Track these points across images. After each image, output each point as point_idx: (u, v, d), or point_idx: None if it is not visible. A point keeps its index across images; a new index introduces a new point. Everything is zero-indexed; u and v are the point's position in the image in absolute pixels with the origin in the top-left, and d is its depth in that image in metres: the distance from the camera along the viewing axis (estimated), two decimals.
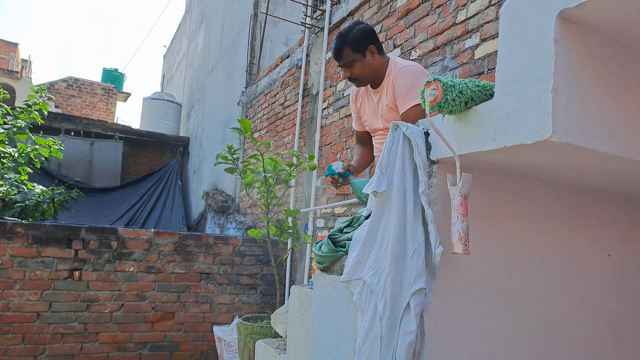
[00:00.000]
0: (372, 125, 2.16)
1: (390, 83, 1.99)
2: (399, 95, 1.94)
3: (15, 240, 3.67)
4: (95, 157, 9.31)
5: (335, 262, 1.54)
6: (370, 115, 2.16)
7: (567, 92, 0.95)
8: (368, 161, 2.32)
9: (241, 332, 2.41)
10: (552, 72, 0.94)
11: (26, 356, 3.63)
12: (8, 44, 19.45)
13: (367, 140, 2.31)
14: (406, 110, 1.89)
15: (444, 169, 1.28)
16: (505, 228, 1.41)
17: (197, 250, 4.24)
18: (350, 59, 1.97)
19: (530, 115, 0.99)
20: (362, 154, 2.31)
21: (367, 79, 2.03)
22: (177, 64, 13.76)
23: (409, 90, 1.90)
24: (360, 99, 2.21)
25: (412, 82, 1.91)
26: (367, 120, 2.19)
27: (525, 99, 1.00)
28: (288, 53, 5.36)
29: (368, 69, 1.99)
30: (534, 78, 0.98)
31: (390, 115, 2.03)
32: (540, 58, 0.96)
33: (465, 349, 1.35)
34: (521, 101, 1.01)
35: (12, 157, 5.26)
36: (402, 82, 1.92)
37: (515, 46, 1.03)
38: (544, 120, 0.95)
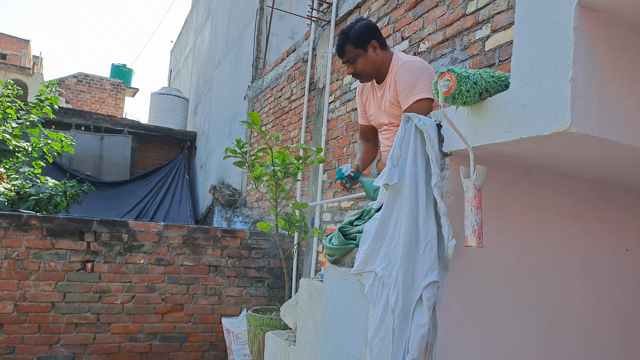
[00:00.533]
0: (377, 120, 2.16)
1: (392, 79, 1.99)
2: (401, 91, 1.94)
3: (30, 232, 3.72)
4: (105, 151, 9.37)
5: (345, 254, 1.54)
6: (375, 110, 2.16)
7: (586, 82, 0.94)
8: (371, 158, 2.33)
9: (251, 324, 2.43)
10: (571, 62, 0.93)
11: (42, 345, 3.69)
12: (20, 40, 19.62)
13: (371, 136, 2.32)
14: (409, 106, 1.89)
15: (456, 161, 1.27)
16: (518, 221, 1.40)
17: (205, 243, 4.26)
18: (352, 54, 1.98)
19: (547, 106, 0.97)
20: (365, 151, 2.32)
21: (371, 74, 2.04)
22: (184, 59, 13.78)
23: (411, 86, 1.90)
24: (366, 94, 2.22)
25: (414, 78, 1.91)
26: (372, 115, 2.19)
27: (543, 90, 0.98)
28: (294, 47, 5.34)
29: (371, 64, 2.00)
30: (552, 68, 0.97)
31: (393, 111, 2.04)
32: (559, 47, 0.94)
33: (477, 342, 1.35)
34: (538, 91, 1.00)
35: (26, 151, 5.33)
36: (404, 78, 1.92)
37: (532, 35, 1.01)
38: (562, 111, 0.94)
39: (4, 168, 5.16)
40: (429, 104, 1.87)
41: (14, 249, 3.67)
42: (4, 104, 5.39)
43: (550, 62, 0.97)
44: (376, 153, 2.35)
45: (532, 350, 1.44)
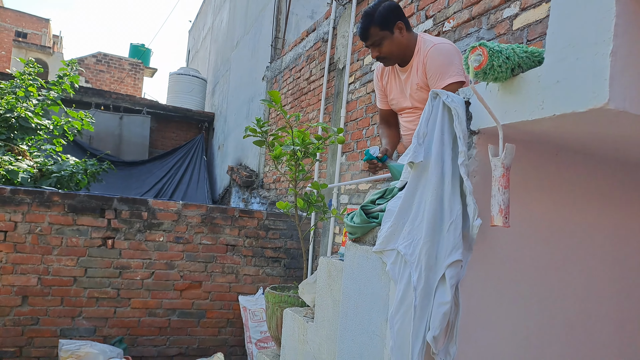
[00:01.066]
0: (400, 104, 2.10)
1: (420, 61, 1.93)
2: (431, 74, 1.88)
3: (52, 208, 3.80)
4: (124, 131, 9.48)
5: (367, 233, 1.53)
6: (397, 94, 2.10)
7: (627, 57, 0.90)
8: (396, 142, 2.28)
9: (269, 301, 2.46)
10: (612, 35, 0.89)
11: (65, 317, 3.81)
12: (40, 19, 19.84)
13: (392, 120, 2.26)
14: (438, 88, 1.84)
15: (484, 139, 1.24)
16: (545, 202, 1.37)
17: (223, 222, 4.30)
18: (378, 37, 1.91)
19: (584, 82, 0.94)
20: (390, 135, 2.27)
21: (397, 56, 1.97)
22: (202, 39, 13.76)
23: (443, 69, 1.84)
24: (387, 77, 2.15)
25: (445, 61, 1.85)
26: (394, 99, 2.13)
27: (580, 64, 0.95)
28: (314, 26, 5.28)
29: (397, 46, 1.93)
30: (591, 42, 0.93)
31: (420, 95, 1.98)
32: (599, 20, 0.91)
33: (499, 322, 1.34)
34: (574, 66, 0.96)
35: (47, 129, 5.42)
36: (435, 60, 1.86)
37: (569, 8, 0.97)
38: (599, 87, 0.90)
39: (27, 145, 5.26)
40: (459, 87, 1.82)
41: (37, 224, 3.76)
42: (26, 82, 5.47)
43: (589, 36, 0.94)
44: (399, 136, 2.30)
45: (556, 332, 1.43)
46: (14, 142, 5.10)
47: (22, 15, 19.80)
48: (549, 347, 1.43)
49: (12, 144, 5.03)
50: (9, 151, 4.91)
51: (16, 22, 19.36)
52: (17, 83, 5.47)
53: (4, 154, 4.75)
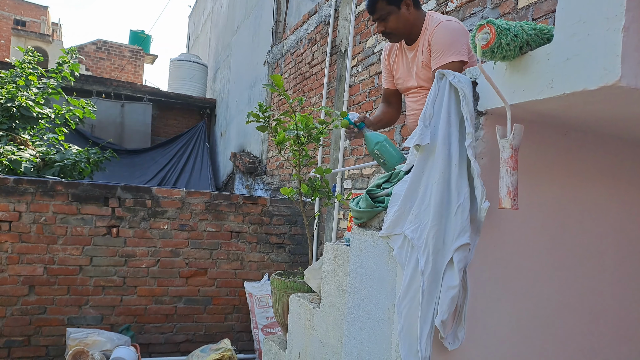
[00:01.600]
0: (405, 83, 2.08)
1: (426, 39, 1.89)
2: (434, 50, 1.85)
3: (56, 197, 3.81)
4: (126, 118, 9.44)
5: (373, 217, 1.52)
6: (404, 73, 2.07)
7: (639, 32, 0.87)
8: (387, 120, 2.25)
9: (275, 287, 2.46)
10: (624, 9, 0.86)
11: (72, 306, 3.84)
12: (38, 7, 19.68)
13: (393, 100, 2.24)
14: (439, 66, 1.80)
15: (492, 120, 1.22)
16: (554, 183, 1.35)
17: (227, 209, 4.30)
18: (384, 11, 1.88)
19: (595, 58, 0.91)
20: (384, 112, 2.24)
21: (402, 33, 1.94)
22: (203, 24, 13.61)
23: (446, 46, 1.80)
24: (394, 56, 2.12)
25: (450, 39, 1.81)
26: (400, 79, 2.10)
27: (590, 41, 0.92)
28: (315, 9, 5.20)
29: (403, 22, 1.90)
30: (602, 17, 0.90)
31: (425, 73, 1.95)
32: None
33: (507, 306, 1.33)
34: (585, 43, 0.93)
35: (49, 118, 5.39)
36: (440, 37, 1.83)
37: None
38: (611, 63, 0.88)
39: (29, 135, 5.25)
40: (462, 67, 1.79)
41: (42, 213, 3.77)
42: (26, 71, 5.43)
43: (600, 11, 0.91)
44: (394, 117, 2.27)
45: (566, 317, 1.42)
46: (16, 131, 5.09)
47: (20, 2, 19.63)
48: (560, 330, 1.42)
49: (14, 133, 5.02)
50: (11, 141, 4.90)
51: (14, 10, 19.21)
52: (17, 72, 5.43)
53: (7, 143, 4.74)
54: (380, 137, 1.88)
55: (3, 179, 3.70)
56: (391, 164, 1.84)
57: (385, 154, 1.84)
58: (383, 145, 1.83)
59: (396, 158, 1.84)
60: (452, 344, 1.23)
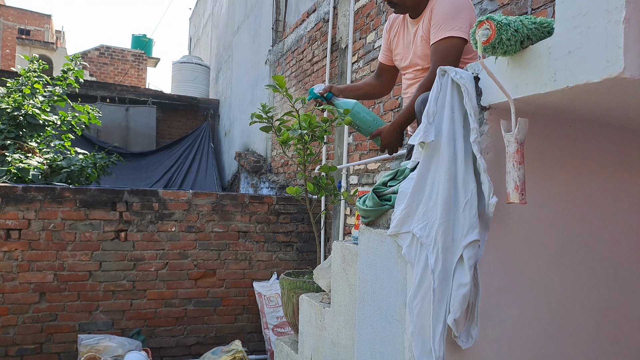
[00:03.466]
0: (403, 61, 1.98)
1: (429, 12, 1.80)
2: (434, 22, 1.74)
3: (64, 204, 3.83)
4: (130, 122, 9.49)
5: (380, 216, 1.52)
6: (402, 49, 1.98)
7: None
8: (367, 91, 2.16)
9: (284, 287, 2.47)
10: (625, 1, 0.85)
11: (82, 312, 3.87)
12: (42, 15, 19.80)
13: (385, 75, 2.14)
14: (437, 40, 1.71)
15: (496, 115, 1.21)
16: (561, 175, 1.34)
17: (233, 209, 4.32)
18: None
19: (597, 51, 0.90)
20: (367, 83, 2.15)
21: (408, 5, 1.84)
22: (203, 26, 13.62)
23: (447, 19, 1.70)
24: (396, 29, 2.03)
25: (452, 12, 1.71)
26: (398, 54, 2.01)
27: (592, 33, 0.92)
28: (314, 7, 5.19)
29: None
30: (602, 9, 0.89)
31: (424, 49, 1.85)
32: None
33: (519, 301, 1.33)
34: (586, 36, 0.93)
35: (55, 125, 5.43)
36: (441, 9, 1.73)
37: None
38: (614, 55, 0.87)
39: (36, 142, 5.29)
40: (461, 44, 1.70)
41: (50, 220, 3.80)
42: (32, 80, 5.47)
43: (601, 3, 0.90)
44: (379, 91, 2.18)
45: (577, 311, 1.41)
46: (23, 139, 5.13)
47: (24, 12, 19.75)
48: (577, 325, 1.41)
49: (21, 141, 5.06)
50: (19, 149, 4.94)
51: (18, 19, 19.33)
52: (23, 81, 5.47)
53: (14, 152, 4.78)
54: (350, 102, 1.84)
55: (12, 187, 3.73)
56: (366, 128, 1.82)
57: (358, 119, 1.82)
58: (353, 112, 1.81)
59: (370, 121, 1.82)
60: (465, 342, 1.22)
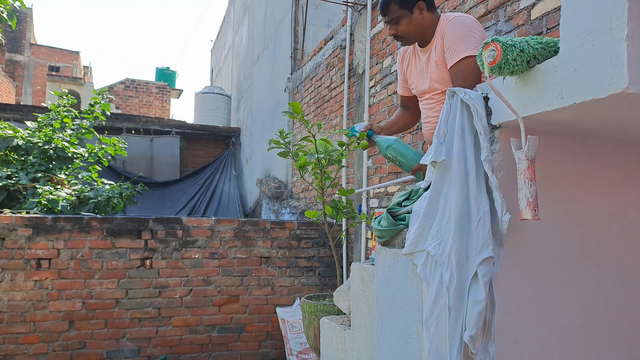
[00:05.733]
0: (419, 87, 2.02)
1: (439, 38, 1.84)
2: (447, 47, 1.78)
3: (92, 233, 3.95)
4: (155, 152, 9.75)
5: (395, 235, 1.53)
6: (417, 77, 2.02)
7: None
8: (403, 124, 2.21)
9: (305, 310, 2.47)
10: (626, 19, 0.87)
11: (110, 339, 3.92)
12: (71, 53, 20.81)
13: (410, 104, 2.19)
14: (455, 62, 1.74)
15: (506, 133, 1.23)
16: (577, 192, 1.34)
17: (255, 235, 4.36)
18: (396, 15, 1.85)
19: (602, 68, 0.92)
20: (399, 116, 2.20)
21: (413, 37, 1.90)
22: (224, 57, 14.05)
23: (459, 41, 1.74)
24: (407, 60, 2.08)
25: (462, 33, 1.75)
26: (413, 83, 2.06)
27: (596, 51, 0.94)
28: (331, 34, 5.32)
29: (415, 27, 1.86)
30: (605, 27, 0.92)
31: (439, 74, 1.88)
32: (612, 5, 0.89)
33: (537, 318, 1.31)
34: (591, 53, 0.95)
35: (83, 157, 5.64)
36: (452, 33, 1.77)
37: None
38: (618, 72, 0.89)
39: (64, 174, 5.49)
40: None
41: (79, 250, 3.91)
42: (61, 114, 5.72)
43: (603, 22, 0.92)
44: (411, 121, 2.23)
45: (597, 326, 1.39)
46: (53, 172, 5.34)
47: (54, 50, 20.78)
48: (597, 343, 1.38)
49: (51, 174, 5.26)
50: (49, 181, 5.13)
51: (49, 57, 20.33)
52: (53, 115, 5.73)
53: (44, 184, 4.97)
54: (390, 139, 1.88)
55: (42, 218, 3.87)
56: (407, 163, 1.83)
57: (399, 154, 1.84)
58: (394, 147, 1.83)
59: (411, 157, 1.83)
60: (483, 359, 1.22)
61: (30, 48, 19.67)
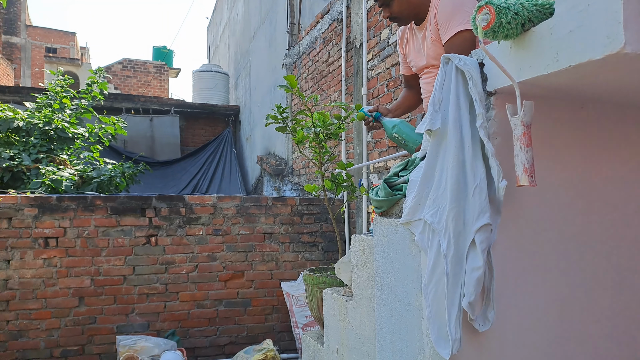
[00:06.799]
0: (417, 64, 2.04)
1: (432, 14, 1.85)
2: (441, 23, 1.80)
3: (96, 212, 3.99)
4: (155, 132, 9.74)
5: (393, 205, 1.54)
6: (414, 55, 2.04)
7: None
8: (408, 104, 2.24)
9: (308, 283, 2.51)
10: None
11: (119, 314, 4.01)
12: (67, 34, 20.58)
13: (414, 83, 2.21)
14: (449, 38, 1.75)
15: (502, 99, 1.22)
16: (575, 157, 1.34)
17: (258, 212, 4.39)
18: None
19: (597, 28, 0.91)
20: (404, 97, 2.23)
21: (407, 15, 1.92)
22: (221, 34, 13.85)
23: (451, 16, 1.75)
24: (406, 40, 2.10)
25: (454, 8, 1.76)
26: (412, 61, 2.08)
27: (592, 10, 0.92)
28: (328, 8, 5.22)
29: (407, 4, 1.87)
30: None
31: (435, 50, 1.90)
32: None
33: (537, 286, 1.33)
34: (586, 13, 0.93)
35: (83, 137, 5.64)
36: (444, 9, 1.78)
37: None
38: (614, 31, 0.87)
39: (66, 155, 5.50)
40: (473, 35, 1.73)
41: (84, 228, 3.95)
42: (60, 95, 5.69)
43: None
44: (417, 100, 2.24)
45: (597, 293, 1.40)
46: (55, 152, 5.34)
47: (50, 31, 20.54)
48: (598, 309, 1.40)
49: (53, 154, 5.27)
50: (51, 162, 5.14)
51: (45, 38, 20.11)
52: (51, 96, 5.71)
53: (47, 164, 4.98)
54: (396, 120, 1.90)
55: (47, 197, 3.90)
56: (412, 144, 1.85)
57: (404, 135, 1.85)
58: (399, 128, 1.84)
59: (416, 137, 1.84)
60: (482, 325, 1.24)
61: (26, 30, 19.44)
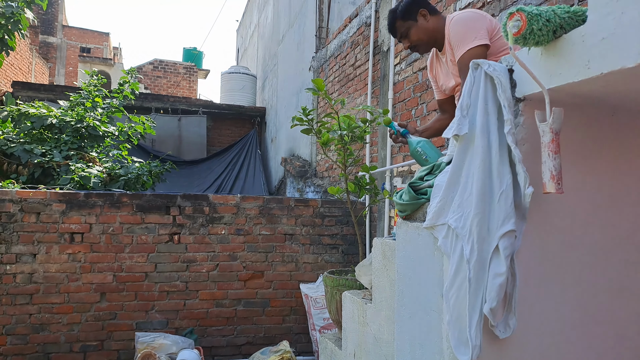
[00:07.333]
0: (448, 85, 2.14)
1: (447, 38, 1.98)
2: (454, 45, 1.93)
3: (122, 209, 4.08)
4: (183, 131, 9.92)
5: (417, 209, 1.54)
6: (444, 78, 2.15)
7: None
8: (439, 126, 2.28)
9: (327, 285, 2.51)
10: None
11: (139, 311, 4.08)
12: (101, 34, 21.22)
13: (447, 108, 2.28)
14: (460, 57, 1.86)
15: (531, 106, 1.21)
16: (603, 166, 1.31)
17: (280, 213, 4.42)
18: (403, 29, 2.02)
19: (631, 36, 0.90)
20: (436, 120, 2.30)
21: (427, 42, 2.04)
22: (250, 36, 14.03)
23: (460, 37, 1.87)
24: (434, 66, 2.21)
25: (462, 29, 1.88)
26: (443, 84, 2.18)
27: (625, 19, 0.91)
28: (356, 12, 5.24)
29: (423, 32, 2.01)
30: None
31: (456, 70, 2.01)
32: None
33: (559, 294, 1.31)
34: (620, 21, 0.92)
35: (113, 136, 5.80)
36: (453, 32, 1.91)
37: None
38: None
39: (96, 152, 5.66)
40: (482, 51, 1.82)
41: (110, 224, 4.05)
42: (92, 94, 5.87)
43: None
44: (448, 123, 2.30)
45: (623, 304, 1.37)
46: (85, 150, 5.51)
47: (85, 31, 21.20)
48: (622, 318, 1.37)
49: (83, 152, 5.43)
50: (81, 159, 5.30)
51: (80, 38, 20.76)
52: (84, 94, 5.89)
53: (77, 161, 5.14)
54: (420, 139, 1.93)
55: (75, 193, 4.02)
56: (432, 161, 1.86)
57: (427, 150, 1.87)
58: (424, 144, 1.87)
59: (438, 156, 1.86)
60: (503, 332, 1.22)
61: (62, 30, 20.08)
